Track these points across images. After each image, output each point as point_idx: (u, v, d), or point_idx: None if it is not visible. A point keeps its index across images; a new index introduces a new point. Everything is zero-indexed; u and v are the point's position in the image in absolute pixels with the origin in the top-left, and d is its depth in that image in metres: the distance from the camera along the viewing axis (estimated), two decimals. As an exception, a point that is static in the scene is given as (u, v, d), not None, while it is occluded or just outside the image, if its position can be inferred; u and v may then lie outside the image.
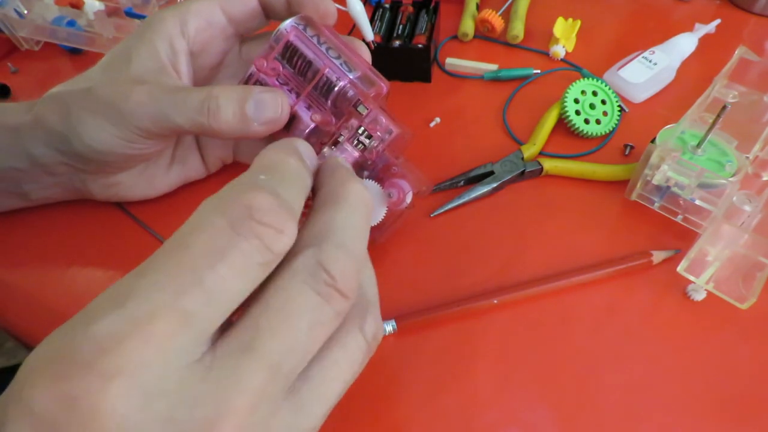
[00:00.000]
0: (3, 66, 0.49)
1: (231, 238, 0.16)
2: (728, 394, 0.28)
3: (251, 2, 0.32)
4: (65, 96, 0.31)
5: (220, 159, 0.38)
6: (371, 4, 0.49)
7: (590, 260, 0.33)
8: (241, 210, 0.17)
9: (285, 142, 0.22)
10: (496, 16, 0.48)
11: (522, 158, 0.39)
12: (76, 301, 0.33)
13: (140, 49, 0.30)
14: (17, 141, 0.31)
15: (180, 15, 0.30)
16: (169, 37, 0.30)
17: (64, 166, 0.32)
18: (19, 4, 0.47)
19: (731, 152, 0.34)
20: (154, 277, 0.16)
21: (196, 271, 0.16)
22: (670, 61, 0.45)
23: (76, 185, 0.34)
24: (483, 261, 0.34)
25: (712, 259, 0.31)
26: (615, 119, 0.41)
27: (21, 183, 0.33)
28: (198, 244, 0.16)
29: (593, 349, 0.30)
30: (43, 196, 0.35)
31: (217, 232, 0.17)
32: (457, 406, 0.28)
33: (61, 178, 0.33)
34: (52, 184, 0.34)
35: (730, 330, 0.31)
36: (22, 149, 0.31)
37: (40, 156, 0.31)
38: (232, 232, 0.16)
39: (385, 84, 0.29)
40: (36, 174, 0.33)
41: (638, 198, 0.36)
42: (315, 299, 0.18)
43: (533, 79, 0.46)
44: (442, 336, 0.31)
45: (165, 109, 0.28)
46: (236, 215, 0.17)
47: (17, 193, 0.34)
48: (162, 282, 0.16)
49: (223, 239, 0.16)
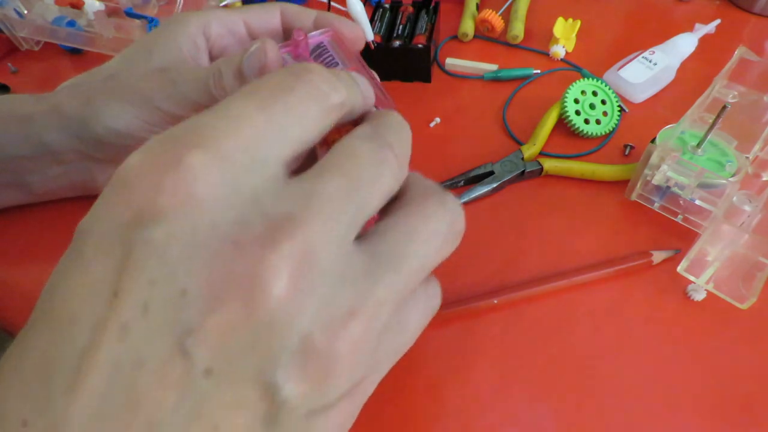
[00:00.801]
0: (3, 66, 0.49)
1: (294, 79, 0.17)
2: (728, 394, 0.28)
3: (274, 21, 0.32)
4: (86, 83, 0.31)
5: None
6: (371, 4, 0.49)
7: (590, 260, 0.33)
8: (299, 67, 0.18)
9: None
10: (496, 16, 0.48)
11: (522, 158, 0.39)
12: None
13: (162, 44, 0.31)
14: (28, 129, 0.31)
15: (203, 18, 0.31)
16: (191, 35, 0.31)
17: (74, 154, 0.32)
18: (19, 4, 0.47)
19: (731, 152, 0.34)
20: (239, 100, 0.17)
21: (268, 100, 0.17)
22: (670, 61, 0.45)
23: (81, 176, 0.34)
24: (483, 261, 0.34)
25: (712, 259, 0.31)
26: (615, 119, 0.41)
27: (25, 174, 0.33)
28: (266, 84, 0.17)
29: (593, 349, 0.30)
30: (45, 189, 0.35)
31: (283, 76, 0.18)
32: (457, 406, 0.28)
33: (68, 167, 0.33)
34: (57, 176, 0.34)
35: (730, 330, 0.31)
36: (32, 136, 0.31)
37: (52, 142, 0.31)
38: (294, 77, 0.18)
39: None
40: (42, 163, 0.33)
41: (638, 198, 0.36)
42: (375, 150, 0.18)
43: (533, 79, 0.46)
44: (442, 336, 0.31)
45: (182, 87, 0.29)
46: (295, 70, 0.18)
47: (19, 186, 0.34)
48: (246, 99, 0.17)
49: (289, 79, 0.17)
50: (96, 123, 0.30)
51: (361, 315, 0.16)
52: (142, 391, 0.14)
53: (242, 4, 0.53)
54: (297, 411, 0.16)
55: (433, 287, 0.20)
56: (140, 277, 0.14)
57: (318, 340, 0.15)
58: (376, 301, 0.16)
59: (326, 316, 0.16)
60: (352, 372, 0.16)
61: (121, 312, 0.14)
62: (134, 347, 0.14)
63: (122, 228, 0.15)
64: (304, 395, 0.15)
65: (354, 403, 0.18)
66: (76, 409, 0.14)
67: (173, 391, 0.14)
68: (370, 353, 0.17)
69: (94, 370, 0.14)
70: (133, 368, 0.14)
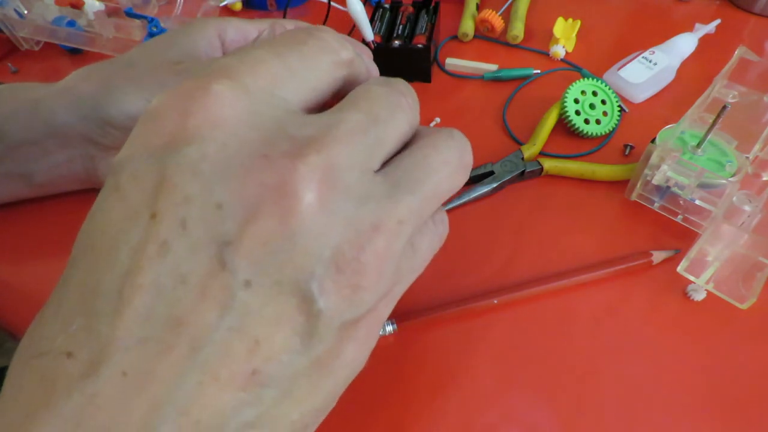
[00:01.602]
0: (3, 66, 0.49)
1: (307, 35, 0.19)
2: (728, 394, 0.28)
3: None
4: (103, 68, 0.32)
5: None
6: (371, 4, 0.49)
7: (590, 260, 0.33)
8: (312, 27, 0.20)
9: None
10: (496, 16, 0.48)
11: (522, 158, 0.39)
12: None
13: (180, 41, 0.32)
14: (36, 111, 0.32)
15: (221, 24, 0.33)
16: (208, 36, 0.32)
17: (79, 138, 0.32)
18: (19, 4, 0.47)
19: (731, 152, 0.34)
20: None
21: (283, 48, 0.18)
22: (670, 61, 0.45)
23: (83, 165, 0.34)
24: (483, 261, 0.34)
25: (712, 259, 0.31)
26: (615, 119, 0.41)
27: (28, 161, 0.34)
28: (281, 37, 0.19)
29: (593, 349, 0.30)
30: (47, 179, 0.35)
31: (296, 32, 0.19)
32: (457, 406, 0.28)
33: (71, 153, 0.33)
34: (60, 163, 0.34)
35: (730, 330, 0.31)
36: (40, 119, 0.32)
37: (60, 125, 0.32)
38: (306, 34, 0.19)
39: None
40: (47, 148, 0.33)
41: (638, 198, 0.36)
42: (390, 93, 0.19)
43: (533, 79, 0.46)
44: (442, 336, 0.31)
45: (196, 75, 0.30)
46: (308, 29, 0.19)
47: (22, 176, 0.34)
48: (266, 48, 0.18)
49: (301, 34, 0.19)
50: (110, 105, 0.31)
51: (384, 231, 0.17)
52: (185, 310, 0.14)
53: (242, 6, 0.53)
54: (331, 323, 0.16)
55: (440, 214, 0.22)
56: (176, 196, 0.15)
57: (347, 251, 0.16)
58: (397, 219, 0.17)
59: (353, 230, 0.16)
60: (378, 285, 0.17)
61: (160, 231, 0.15)
62: (175, 264, 0.14)
63: (156, 153, 0.15)
64: (338, 307, 0.16)
65: (377, 319, 0.19)
66: (121, 335, 0.14)
67: (215, 306, 0.15)
68: (393, 269, 0.18)
69: (137, 293, 0.14)
70: (175, 286, 0.14)
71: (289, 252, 0.15)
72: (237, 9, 0.53)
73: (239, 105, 0.16)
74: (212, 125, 0.15)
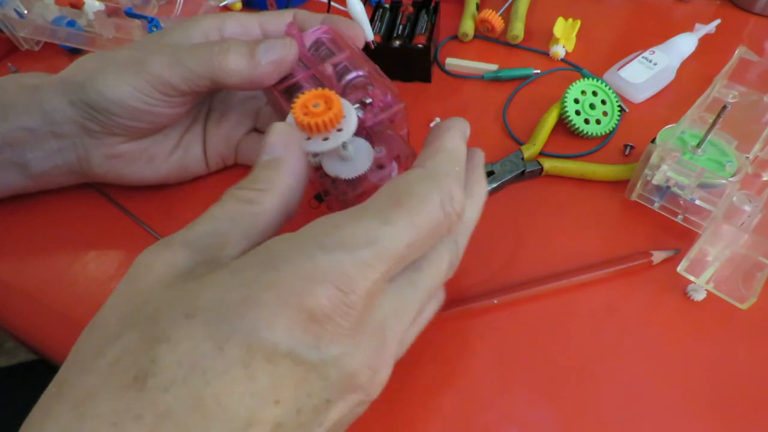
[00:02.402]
0: (3, 66, 0.49)
1: (440, 214, 0.22)
2: (728, 394, 0.28)
3: (287, 23, 0.34)
4: (97, 56, 0.34)
5: (221, 157, 0.38)
6: (371, 4, 0.49)
7: (590, 260, 0.33)
8: (448, 196, 0.23)
9: (457, 126, 0.27)
10: (496, 16, 0.48)
11: (522, 158, 0.39)
12: (75, 300, 0.33)
13: (173, 33, 0.33)
14: (33, 97, 0.33)
15: (220, 18, 0.34)
16: (203, 29, 0.33)
17: (71, 125, 0.33)
18: (19, 4, 0.47)
19: (731, 152, 0.34)
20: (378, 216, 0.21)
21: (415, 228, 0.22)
22: (670, 61, 0.45)
23: (76, 153, 0.34)
24: (483, 261, 0.34)
25: (712, 259, 0.31)
26: (615, 119, 0.41)
27: (25, 149, 0.34)
28: (421, 211, 0.22)
29: (593, 349, 0.30)
30: (43, 169, 0.35)
31: (434, 206, 0.22)
32: (456, 406, 0.28)
33: (65, 142, 0.34)
34: (54, 152, 0.34)
35: (730, 330, 0.31)
36: (36, 104, 0.33)
37: (53, 111, 0.33)
38: (441, 210, 0.22)
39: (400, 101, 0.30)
40: (43, 136, 0.33)
41: (638, 198, 0.36)
42: (440, 208, 0.22)
43: (533, 79, 0.46)
44: (443, 336, 0.31)
45: (182, 57, 0.31)
46: (446, 197, 0.22)
47: (18, 166, 0.34)
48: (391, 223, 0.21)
49: (437, 212, 0.22)
50: (92, 88, 0.32)
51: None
52: None
53: (242, 6, 0.53)
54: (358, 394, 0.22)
55: (440, 293, 0.27)
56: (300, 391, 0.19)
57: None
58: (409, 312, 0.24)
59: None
60: (392, 363, 0.23)
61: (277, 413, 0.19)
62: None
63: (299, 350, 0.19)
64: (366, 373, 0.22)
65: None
66: None
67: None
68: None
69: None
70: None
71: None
72: (237, 9, 0.53)
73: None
74: None
